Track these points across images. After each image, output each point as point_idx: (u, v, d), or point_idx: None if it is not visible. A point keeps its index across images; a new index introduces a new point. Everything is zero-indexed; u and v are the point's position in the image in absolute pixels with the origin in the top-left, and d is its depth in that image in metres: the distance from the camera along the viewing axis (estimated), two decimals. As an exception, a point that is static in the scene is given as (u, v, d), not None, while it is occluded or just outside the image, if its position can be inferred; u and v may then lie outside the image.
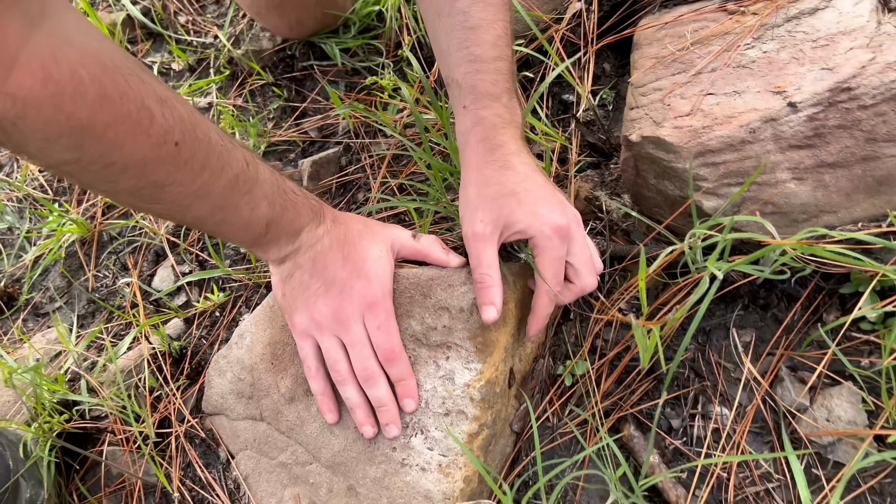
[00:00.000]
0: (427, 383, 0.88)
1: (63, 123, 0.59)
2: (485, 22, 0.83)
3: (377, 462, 0.89)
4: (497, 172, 0.85)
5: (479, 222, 0.86)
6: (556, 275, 0.84)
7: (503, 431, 0.92)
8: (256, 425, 0.99)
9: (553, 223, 0.82)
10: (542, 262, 0.84)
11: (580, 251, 0.85)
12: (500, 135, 0.86)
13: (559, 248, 0.83)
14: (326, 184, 1.26)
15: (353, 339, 0.87)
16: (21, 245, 1.46)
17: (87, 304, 1.34)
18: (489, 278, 0.83)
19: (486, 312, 0.84)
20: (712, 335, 0.95)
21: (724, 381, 0.92)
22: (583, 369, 0.93)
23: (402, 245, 0.91)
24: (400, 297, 0.90)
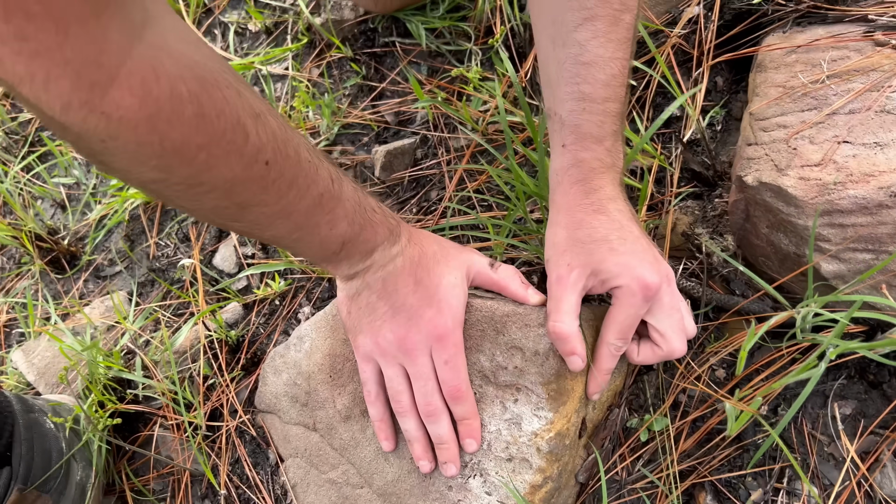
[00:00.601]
0: (491, 424, 0.83)
1: (156, 145, 0.53)
2: (601, 59, 0.74)
3: (431, 498, 0.84)
4: (590, 216, 0.78)
5: (566, 266, 0.78)
6: (622, 331, 0.77)
7: (568, 483, 0.86)
8: (309, 435, 0.96)
9: (642, 279, 0.75)
10: (612, 313, 0.78)
11: (668, 314, 0.77)
12: (598, 178, 0.78)
13: (639, 306, 0.76)
14: (399, 176, 1.19)
15: (419, 372, 0.81)
16: (87, 202, 1.44)
17: (147, 272, 1.31)
18: (565, 327, 0.76)
19: (571, 363, 0.78)
20: (808, 402, 0.86)
21: (816, 455, 0.84)
22: (661, 426, 0.86)
23: (479, 273, 0.85)
24: (471, 328, 0.83)
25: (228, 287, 1.18)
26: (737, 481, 0.84)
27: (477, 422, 0.82)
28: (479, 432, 0.82)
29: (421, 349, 0.80)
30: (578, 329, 0.78)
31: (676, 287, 0.80)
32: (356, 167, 1.25)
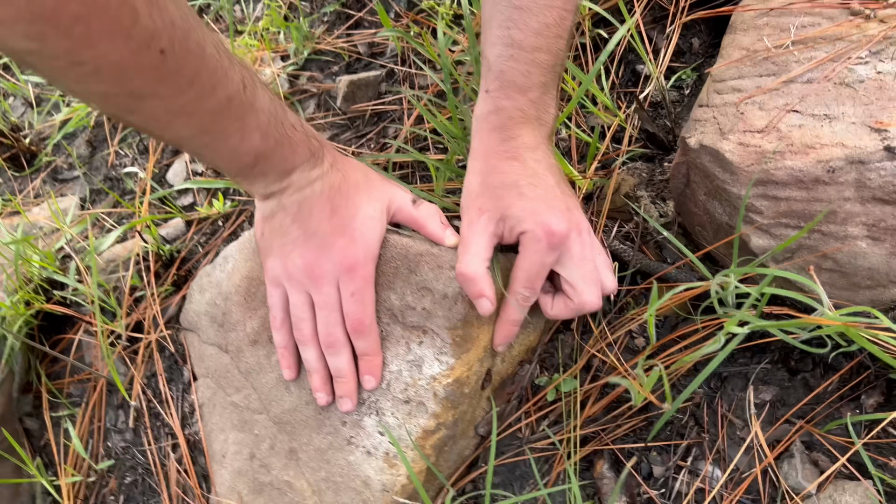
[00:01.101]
0: (393, 364, 0.80)
1: (21, 6, 0.49)
2: (536, 6, 0.69)
3: (324, 432, 0.82)
4: (503, 162, 0.75)
5: (477, 210, 0.75)
6: (528, 280, 0.74)
7: (466, 433, 0.83)
8: (221, 356, 0.93)
9: (547, 225, 0.71)
10: (518, 261, 0.75)
11: (578, 265, 0.73)
12: (517, 128, 0.75)
13: (544, 253, 0.72)
14: (360, 108, 1.15)
15: (323, 301, 0.78)
16: (55, 103, 1.42)
17: (104, 179, 1.29)
18: (472, 268, 0.73)
19: (480, 306, 0.75)
20: (728, 383, 0.83)
21: (726, 438, 0.80)
22: (570, 387, 0.82)
23: (400, 208, 0.81)
24: (384, 265, 0.80)
25: (170, 200, 1.15)
26: (640, 454, 0.81)
27: (378, 359, 0.79)
28: (380, 370, 0.80)
29: (328, 278, 0.77)
30: (487, 272, 0.74)
31: (592, 239, 0.76)
32: (320, 95, 1.21)
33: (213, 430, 0.93)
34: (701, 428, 0.81)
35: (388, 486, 0.78)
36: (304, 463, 0.83)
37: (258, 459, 0.87)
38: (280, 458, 0.85)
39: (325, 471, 0.82)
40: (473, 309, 0.77)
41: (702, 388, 0.82)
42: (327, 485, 0.82)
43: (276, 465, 0.85)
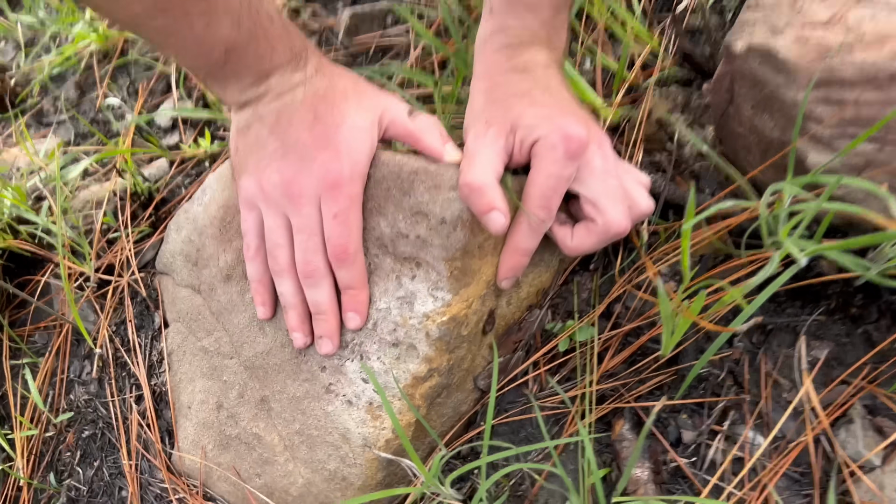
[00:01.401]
0: (381, 301, 0.69)
1: None
2: None
3: (301, 379, 0.71)
4: (512, 75, 0.66)
5: (484, 123, 0.65)
6: (544, 197, 0.63)
7: (463, 384, 0.72)
8: (194, 297, 0.83)
9: (564, 129, 0.60)
10: (531, 177, 0.63)
11: (601, 179, 0.62)
12: (526, 48, 0.66)
13: (562, 164, 0.61)
14: (364, 42, 1.05)
15: (302, 224, 0.67)
16: (45, 45, 1.33)
17: (92, 122, 1.20)
18: (478, 176, 0.62)
19: (492, 222, 0.63)
20: (773, 337, 0.70)
21: (770, 399, 0.68)
22: (586, 336, 0.71)
23: (394, 120, 0.70)
24: (374, 187, 0.69)
25: (154, 138, 1.05)
26: (667, 415, 0.69)
27: (364, 294, 0.68)
28: (366, 306, 0.69)
29: (308, 197, 0.67)
30: (496, 182, 0.63)
31: (617, 158, 0.65)
32: (322, 32, 1.11)
33: (182, 381, 0.82)
34: (740, 388, 0.68)
35: (370, 441, 0.67)
36: (276, 413, 0.72)
37: (226, 410, 0.76)
38: (250, 407, 0.74)
39: (299, 422, 0.71)
40: (475, 236, 0.66)
41: (742, 342, 0.70)
42: (301, 438, 0.71)
43: (244, 416, 0.74)
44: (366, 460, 0.68)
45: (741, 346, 0.70)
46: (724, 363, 0.69)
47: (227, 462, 0.75)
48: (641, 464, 0.65)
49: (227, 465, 0.75)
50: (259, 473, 0.73)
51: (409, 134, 0.70)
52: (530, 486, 0.69)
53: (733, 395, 0.68)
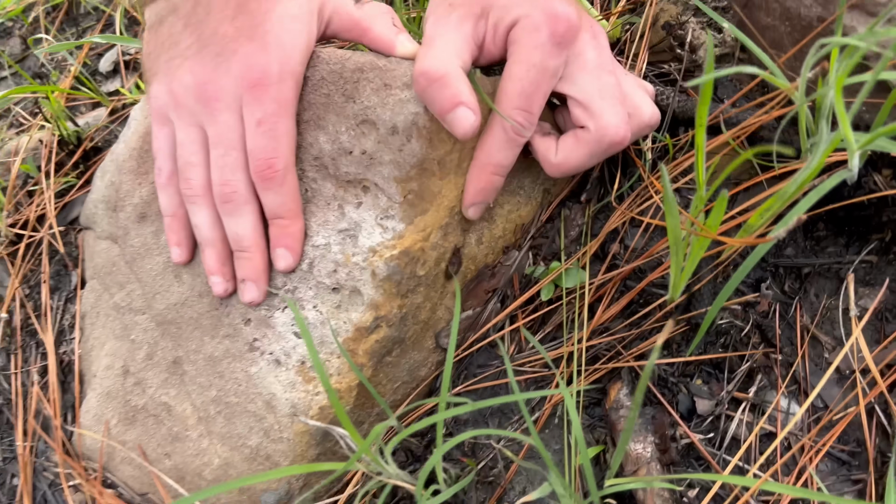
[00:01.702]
0: (319, 235, 0.55)
1: None
2: None
3: (221, 334, 0.57)
4: None
5: (446, 6, 0.52)
6: (523, 94, 0.50)
7: (421, 340, 0.57)
8: (111, 248, 0.69)
9: (551, 9, 0.47)
10: (508, 69, 0.50)
11: (594, 75, 0.49)
12: None
13: (547, 51, 0.48)
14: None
15: (219, 134, 0.54)
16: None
17: (34, 76, 1.07)
18: (438, 63, 0.49)
19: (458, 121, 0.49)
20: (811, 283, 0.56)
21: (808, 358, 0.54)
22: (575, 281, 0.56)
23: (337, 10, 0.56)
24: (312, 92, 0.56)
25: (91, 83, 0.93)
26: (676, 380, 0.54)
27: (297, 225, 0.55)
28: (299, 242, 0.55)
29: (226, 100, 0.53)
30: (462, 71, 0.49)
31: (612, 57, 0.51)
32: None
33: (94, 347, 0.68)
34: (769, 345, 0.54)
35: (300, 408, 0.53)
36: (190, 378, 0.58)
37: (132, 375, 0.62)
38: (160, 371, 0.60)
39: (216, 388, 0.57)
40: (434, 148, 0.53)
41: (771, 287, 0.56)
42: (218, 408, 0.57)
43: (153, 382, 0.60)
44: (294, 433, 0.53)
45: (770, 293, 0.55)
46: (750, 314, 0.55)
47: (132, 440, 0.61)
48: (643, 437, 0.51)
49: (132, 444, 0.61)
50: (168, 453, 0.59)
51: (356, 24, 0.56)
52: (504, 469, 0.54)
53: (761, 355, 0.54)
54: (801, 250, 0.56)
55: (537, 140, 0.54)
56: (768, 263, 0.56)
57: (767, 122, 0.54)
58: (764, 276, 0.56)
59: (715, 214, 0.43)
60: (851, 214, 0.53)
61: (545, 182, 0.60)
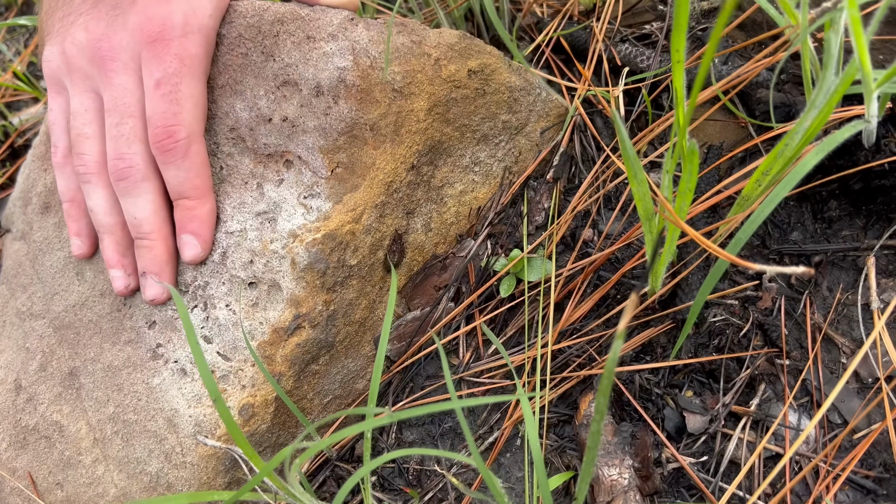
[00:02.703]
0: (234, 220, 0.46)
1: None
2: None
3: (122, 340, 0.48)
4: None
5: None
6: None
7: (355, 346, 0.48)
8: (20, 248, 0.61)
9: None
10: None
11: None
12: None
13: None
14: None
15: (114, 99, 0.46)
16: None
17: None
18: None
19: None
20: (823, 272, 0.47)
21: (821, 363, 0.44)
22: (539, 274, 0.47)
23: None
24: (228, 52, 0.47)
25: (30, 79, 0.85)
26: (662, 390, 0.45)
27: (206, 206, 0.46)
28: (210, 227, 0.46)
29: (123, 58, 0.45)
30: None
31: None
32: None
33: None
34: (775, 348, 0.45)
35: (204, 427, 0.44)
36: (86, 392, 0.49)
37: (25, 390, 0.53)
38: (53, 384, 0.51)
39: (114, 403, 0.48)
40: (366, 110, 0.44)
41: (775, 283, 0.46)
42: (115, 427, 0.48)
43: (45, 397, 0.51)
44: (199, 457, 0.44)
45: (774, 286, 0.46)
46: (750, 311, 0.45)
47: (23, 466, 0.52)
48: (620, 461, 0.41)
49: (22, 472, 0.52)
50: (60, 482, 0.50)
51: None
52: (455, 502, 0.45)
53: (764, 360, 0.44)
54: (810, 234, 0.47)
55: None
56: (771, 250, 0.47)
57: (764, 80, 0.45)
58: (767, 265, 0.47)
59: (686, 175, 0.34)
60: (869, 187, 0.44)
61: (506, 158, 0.51)
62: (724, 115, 0.49)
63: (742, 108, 0.48)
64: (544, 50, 0.57)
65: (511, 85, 0.50)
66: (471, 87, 0.48)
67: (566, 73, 0.55)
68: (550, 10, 0.61)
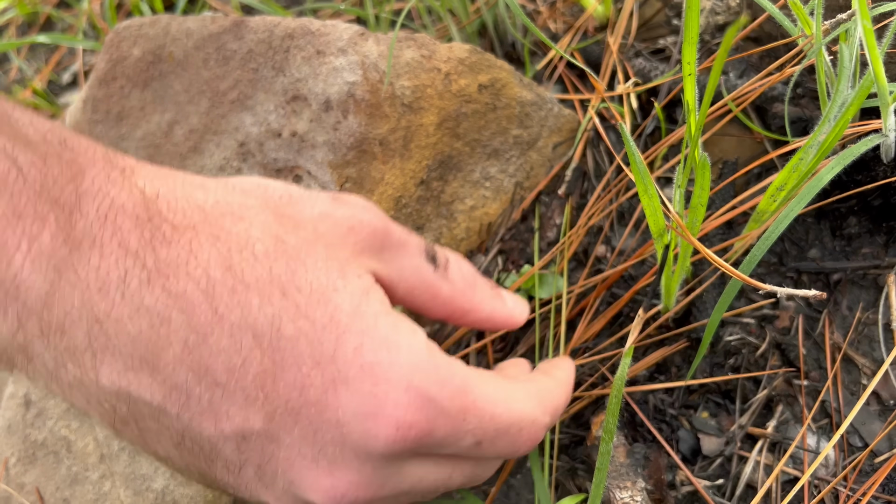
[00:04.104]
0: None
1: None
2: None
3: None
4: None
5: None
6: None
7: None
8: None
9: None
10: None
11: None
12: None
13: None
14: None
15: None
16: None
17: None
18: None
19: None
20: (843, 291, 0.45)
21: (840, 384, 0.43)
22: (551, 290, 0.46)
23: (407, 270, 0.35)
24: (238, 68, 0.47)
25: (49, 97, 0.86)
26: (676, 411, 0.44)
27: None
28: None
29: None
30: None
31: None
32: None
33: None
34: (792, 368, 0.43)
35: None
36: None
37: (34, 405, 0.53)
38: (61, 400, 0.51)
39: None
40: (375, 125, 0.44)
41: (793, 301, 0.45)
42: (121, 443, 0.47)
43: (54, 412, 0.51)
44: (205, 474, 0.44)
45: (792, 304, 0.45)
46: (767, 330, 0.44)
47: (31, 481, 0.52)
48: (632, 483, 0.40)
49: (31, 487, 0.52)
50: (67, 498, 0.50)
51: (435, 292, 0.36)
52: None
53: (782, 380, 0.43)
54: (828, 252, 0.46)
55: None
56: (788, 268, 0.46)
57: (779, 94, 0.45)
58: (783, 283, 0.46)
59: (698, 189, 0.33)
60: (889, 203, 0.43)
61: (517, 173, 0.50)
62: (740, 131, 0.49)
63: (759, 122, 0.48)
64: (557, 64, 0.56)
65: (522, 99, 0.49)
66: (481, 102, 0.48)
67: (579, 88, 0.54)
68: (565, 25, 0.61)
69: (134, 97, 0.54)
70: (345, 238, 0.32)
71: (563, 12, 0.60)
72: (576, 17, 0.59)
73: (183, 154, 0.49)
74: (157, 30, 0.54)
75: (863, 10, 0.29)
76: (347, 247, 0.32)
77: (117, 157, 0.29)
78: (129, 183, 0.27)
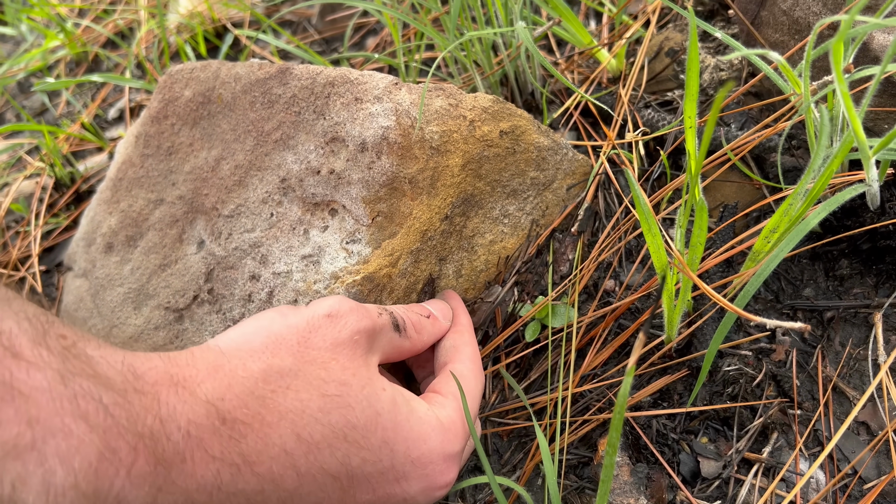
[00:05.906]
0: (281, 262, 0.50)
1: None
2: None
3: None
4: None
5: None
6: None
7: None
8: (81, 284, 0.66)
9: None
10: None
11: None
12: None
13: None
14: (338, 23, 0.91)
15: None
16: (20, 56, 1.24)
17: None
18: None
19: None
20: (835, 329, 0.49)
21: (832, 416, 0.46)
22: (563, 321, 0.50)
23: (386, 346, 0.43)
24: (283, 110, 0.52)
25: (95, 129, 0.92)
26: (678, 436, 0.47)
27: None
28: None
29: None
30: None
31: None
32: (299, 22, 0.98)
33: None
34: (787, 398, 0.47)
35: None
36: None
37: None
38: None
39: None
40: (406, 165, 0.48)
41: (788, 336, 0.49)
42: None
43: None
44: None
45: (787, 339, 0.48)
46: (763, 362, 0.47)
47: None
48: (634, 500, 0.43)
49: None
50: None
51: (413, 346, 0.45)
52: (478, 534, 0.47)
53: (777, 409, 0.46)
54: (822, 291, 0.49)
55: None
56: (784, 305, 0.49)
57: (775, 145, 0.49)
58: (780, 319, 0.49)
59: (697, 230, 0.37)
60: (877, 247, 0.47)
61: (533, 211, 0.54)
62: (740, 177, 0.53)
63: (758, 170, 0.52)
64: (573, 113, 0.61)
65: (539, 145, 0.54)
66: (502, 147, 0.52)
67: (592, 135, 0.59)
68: (580, 76, 0.65)
69: (184, 134, 0.59)
70: (354, 350, 0.40)
71: (579, 64, 0.65)
72: (591, 69, 0.64)
73: (228, 187, 0.54)
74: (207, 73, 0.59)
75: (838, 76, 0.33)
76: (358, 357, 0.40)
77: (175, 368, 0.35)
78: (193, 398, 0.34)
